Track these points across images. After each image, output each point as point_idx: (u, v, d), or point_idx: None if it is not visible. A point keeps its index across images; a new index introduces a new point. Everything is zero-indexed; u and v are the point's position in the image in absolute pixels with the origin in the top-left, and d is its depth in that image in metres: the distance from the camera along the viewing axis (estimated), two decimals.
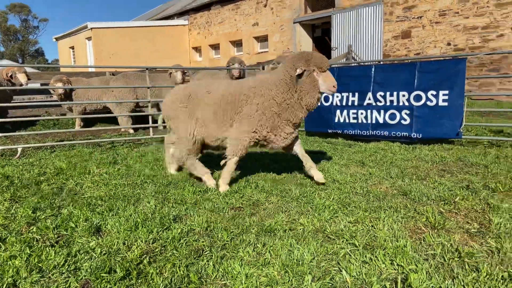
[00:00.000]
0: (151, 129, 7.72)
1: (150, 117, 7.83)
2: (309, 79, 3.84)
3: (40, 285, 2.18)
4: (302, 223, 3.10)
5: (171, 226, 3.06)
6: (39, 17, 57.21)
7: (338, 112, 7.25)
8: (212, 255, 2.55)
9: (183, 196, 3.85)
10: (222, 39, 22.82)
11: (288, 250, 2.60)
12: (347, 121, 7.15)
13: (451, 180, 4.25)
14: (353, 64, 11.76)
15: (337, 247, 2.64)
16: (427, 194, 3.73)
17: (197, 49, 25.46)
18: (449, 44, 12.53)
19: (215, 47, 23.98)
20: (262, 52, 20.64)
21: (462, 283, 2.16)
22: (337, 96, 7.22)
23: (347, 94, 7.10)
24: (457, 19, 12.22)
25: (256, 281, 2.21)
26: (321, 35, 18.72)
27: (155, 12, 32.78)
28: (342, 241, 2.73)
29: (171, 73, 9.02)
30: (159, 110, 9.58)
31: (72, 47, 26.21)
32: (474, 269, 2.32)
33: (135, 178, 4.65)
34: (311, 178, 4.31)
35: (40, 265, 2.40)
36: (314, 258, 2.49)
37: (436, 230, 2.90)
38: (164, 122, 9.63)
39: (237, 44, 22.47)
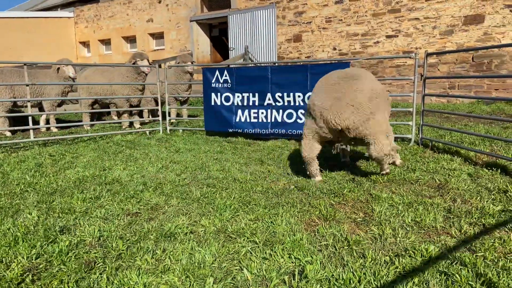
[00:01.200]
0: (31, 131, 6.92)
1: (30, 118, 7.00)
2: None
3: None
4: (203, 225, 3.06)
5: (57, 239, 2.77)
6: None
7: (239, 111, 7.37)
8: (105, 267, 2.37)
9: (71, 205, 3.53)
10: (114, 34, 21.53)
11: (189, 253, 2.55)
12: (248, 120, 7.31)
13: (340, 174, 4.61)
14: (250, 65, 12.07)
15: (238, 246, 2.66)
16: (320, 188, 3.98)
17: (85, 44, 23.61)
18: (334, 48, 13.62)
19: (106, 42, 22.51)
20: (158, 49, 20.01)
21: (351, 270, 2.34)
22: (238, 96, 7.34)
23: (247, 94, 7.26)
24: (341, 26, 13.34)
25: None
26: (218, 34, 18.85)
27: (35, 2, 29.54)
28: (243, 240, 2.77)
29: (59, 68, 8.21)
30: (41, 110, 8.66)
31: None
32: (361, 256, 2.54)
33: (13, 187, 4.12)
34: None
35: None
36: (215, 260, 2.47)
37: (328, 222, 3.11)
38: (48, 122, 8.75)
39: (131, 40, 21.42)
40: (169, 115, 8.93)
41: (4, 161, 5.37)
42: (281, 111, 7.02)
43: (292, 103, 6.91)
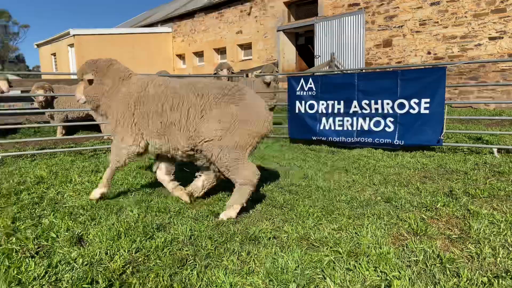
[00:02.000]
0: None
1: None
2: None
3: None
4: (286, 231, 3.11)
5: (154, 235, 3.03)
6: (20, 23, 56.24)
7: (323, 119, 7.33)
8: (196, 264, 2.53)
9: (167, 205, 3.82)
10: (206, 47, 22.84)
11: (273, 258, 2.61)
12: (332, 128, 7.23)
13: (433, 186, 4.32)
14: (335, 72, 11.90)
15: (321, 255, 2.65)
16: (409, 200, 3.79)
17: (181, 57, 25.40)
18: (429, 53, 12.82)
19: (199, 54, 23.98)
20: (246, 59, 20.74)
21: None
22: (322, 104, 7.31)
23: (332, 102, 7.19)
24: (436, 29, 12.53)
25: None
26: (304, 43, 18.93)
27: (138, 19, 32.61)
28: (326, 249, 2.75)
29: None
30: None
31: (54, 54, 25.84)
32: (455, 275, 2.36)
33: (117, 186, 4.58)
34: None
35: (19, 276, 2.34)
36: (298, 266, 2.50)
37: (418, 237, 2.95)
38: None
39: (221, 51, 22.53)
40: None
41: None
42: (367, 119, 6.81)
43: (380, 111, 6.67)
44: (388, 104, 6.56)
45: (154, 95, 3.75)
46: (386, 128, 6.60)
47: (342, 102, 7.05)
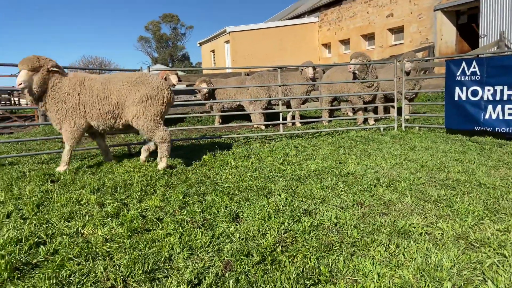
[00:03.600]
0: (281, 125, 8.03)
1: (280, 114, 8.14)
2: None
3: (190, 260, 2.51)
4: (440, 228, 2.89)
5: (301, 219, 3.17)
6: (186, 25, 64.05)
7: (490, 107, 6.44)
8: (342, 251, 2.57)
9: (312, 192, 3.94)
10: (353, 34, 22.26)
11: (424, 254, 2.46)
12: (501, 117, 6.31)
13: None
14: (506, 53, 10.29)
15: (482, 256, 2.39)
16: None
17: (327, 46, 25.35)
18: None
19: (345, 42, 23.54)
20: (396, 44, 19.50)
21: None
22: (489, 90, 6.43)
23: (501, 87, 6.26)
24: None
25: (389, 282, 2.15)
26: (466, 21, 16.78)
27: (287, 11, 33.67)
28: (489, 250, 2.46)
29: (302, 69, 9.22)
30: (289, 107, 9.89)
31: (213, 51, 28.73)
32: None
33: (266, 171, 4.91)
34: None
35: (190, 243, 2.75)
36: (454, 265, 2.31)
37: None
38: (293, 118, 9.93)
39: (369, 37, 21.66)
40: (402, 112, 8.62)
41: (260, 150, 6.45)
42: None
43: None
44: None
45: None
46: None
47: None
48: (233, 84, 10.26)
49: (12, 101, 19.35)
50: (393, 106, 8.70)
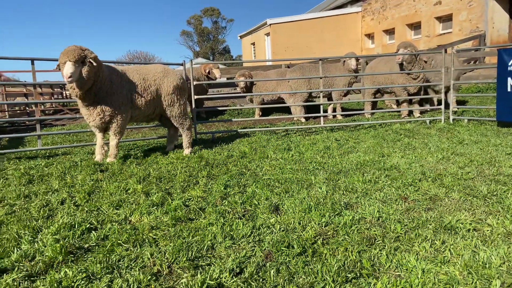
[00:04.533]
0: (322, 118, 7.94)
1: (321, 107, 8.04)
2: None
3: (232, 249, 2.56)
4: (490, 224, 2.76)
5: (342, 212, 3.14)
6: (227, 18, 64.49)
7: None
8: (385, 245, 2.53)
9: (353, 185, 3.88)
10: (398, 23, 21.48)
11: (472, 251, 2.37)
12: None
13: None
14: None
15: None
16: None
17: (370, 36, 24.64)
18: None
19: (390, 32, 22.76)
20: (444, 33, 18.61)
21: None
22: None
23: None
24: None
25: (434, 278, 2.10)
26: None
27: (328, 2, 32.98)
28: None
29: (344, 61, 9.05)
30: (330, 99, 9.75)
31: (253, 43, 28.77)
32: None
33: (307, 164, 4.89)
34: None
35: (231, 233, 2.81)
36: (504, 263, 2.21)
37: None
38: (334, 111, 9.79)
39: (415, 27, 20.82)
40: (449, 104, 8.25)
41: (300, 143, 6.43)
42: None
43: None
44: None
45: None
46: None
47: None
48: (273, 77, 10.24)
49: (64, 95, 20.40)
50: (439, 98, 8.35)
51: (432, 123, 7.78)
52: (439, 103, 8.11)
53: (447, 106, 8.09)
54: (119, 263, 2.41)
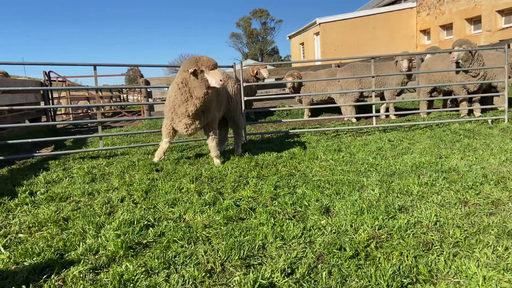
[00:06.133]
0: (374, 118, 7.73)
1: (373, 106, 7.83)
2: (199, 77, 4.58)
3: (283, 250, 2.58)
4: None
5: (396, 216, 3.05)
6: (275, 19, 64.66)
7: None
8: (443, 251, 2.42)
9: (408, 187, 3.75)
10: (456, 17, 20.38)
11: None
12: None
13: None
14: None
15: None
16: None
17: (426, 32, 23.58)
18: None
19: (447, 27, 21.65)
20: (507, 27, 17.40)
21: None
22: None
23: None
24: None
25: (496, 286, 1.98)
26: None
27: None
28: None
29: (397, 61, 8.75)
30: (382, 99, 9.47)
31: (302, 43, 28.60)
32: None
33: (358, 165, 4.79)
34: None
35: (282, 234, 2.83)
36: None
37: None
38: (387, 110, 9.48)
39: (475, 21, 19.65)
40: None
41: (351, 143, 6.30)
42: None
43: None
44: None
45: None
46: None
47: None
48: (323, 77, 10.12)
49: (121, 98, 21.49)
50: (497, 96, 7.83)
51: (494, 122, 7.31)
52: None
53: (510, 104, 7.56)
54: (175, 259, 2.51)
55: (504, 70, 7.43)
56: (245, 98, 7.24)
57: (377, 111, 9.80)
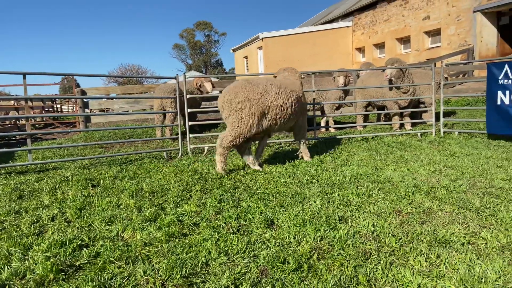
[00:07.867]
0: (315, 131, 7.96)
1: (314, 120, 8.07)
2: None
3: (227, 266, 2.53)
4: (484, 238, 2.77)
5: (337, 226, 3.13)
6: (219, 32, 64.97)
7: None
8: (380, 260, 2.52)
9: (348, 198, 3.88)
10: (388, 37, 21.84)
11: (467, 265, 2.37)
12: None
13: None
14: None
15: None
16: None
17: (360, 50, 24.98)
18: None
19: (380, 46, 23.11)
20: (433, 47, 18.94)
21: None
22: None
23: None
24: None
25: None
26: (508, 22, 16.09)
27: (320, 16, 33.49)
28: None
29: (334, 77, 9.14)
30: (323, 113, 9.81)
31: (246, 57, 28.96)
32: None
33: (301, 177, 4.88)
34: None
35: (226, 249, 2.78)
36: (500, 277, 2.21)
37: None
38: (327, 124, 9.83)
39: (404, 41, 21.18)
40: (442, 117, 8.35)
41: (293, 155, 6.42)
42: None
43: None
44: None
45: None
46: None
47: None
48: None
49: (55, 108, 20.27)
50: (425, 112, 8.45)
51: (423, 136, 7.85)
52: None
53: (437, 119, 8.18)
54: (112, 281, 2.36)
55: (431, 87, 8.04)
56: (189, 110, 7.14)
57: (318, 124, 10.12)
